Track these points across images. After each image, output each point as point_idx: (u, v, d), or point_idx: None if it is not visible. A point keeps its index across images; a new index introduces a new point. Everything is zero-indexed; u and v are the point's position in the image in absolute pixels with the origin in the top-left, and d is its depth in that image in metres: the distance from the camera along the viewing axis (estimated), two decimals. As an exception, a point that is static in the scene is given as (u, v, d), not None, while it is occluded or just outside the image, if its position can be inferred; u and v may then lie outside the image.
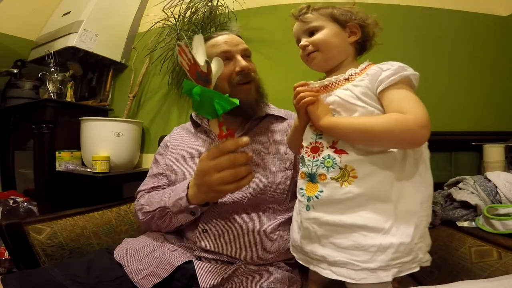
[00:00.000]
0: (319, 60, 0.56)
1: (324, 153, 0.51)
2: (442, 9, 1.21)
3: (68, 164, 1.31)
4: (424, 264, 0.48)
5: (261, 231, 0.66)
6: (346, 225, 0.48)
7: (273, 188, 0.68)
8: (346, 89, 0.51)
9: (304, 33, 0.57)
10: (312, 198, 0.51)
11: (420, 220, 0.48)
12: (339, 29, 0.56)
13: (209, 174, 0.53)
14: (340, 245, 0.48)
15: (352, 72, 0.53)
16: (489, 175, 0.75)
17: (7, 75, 1.53)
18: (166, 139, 0.87)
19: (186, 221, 0.67)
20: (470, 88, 1.18)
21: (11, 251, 0.73)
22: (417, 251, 0.47)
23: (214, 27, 1.35)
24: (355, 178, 0.48)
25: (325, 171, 0.50)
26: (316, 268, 0.52)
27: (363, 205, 0.48)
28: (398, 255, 0.45)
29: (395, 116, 0.45)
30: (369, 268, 0.45)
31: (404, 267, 0.46)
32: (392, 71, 0.48)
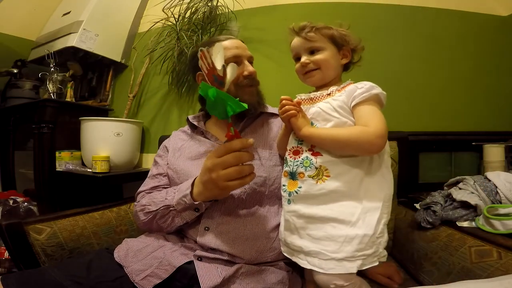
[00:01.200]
0: (317, 78, 0.64)
1: (303, 155, 0.59)
2: (442, 9, 1.21)
3: (68, 164, 1.31)
4: (381, 259, 0.55)
5: (263, 229, 0.66)
6: (320, 217, 0.55)
7: (271, 182, 0.70)
8: (327, 102, 0.60)
9: (305, 51, 0.63)
10: (293, 193, 0.60)
11: (382, 217, 0.55)
12: (336, 51, 0.64)
13: (215, 170, 0.56)
14: (314, 236, 0.55)
15: (333, 89, 0.62)
16: (489, 175, 0.75)
17: (7, 75, 1.53)
18: (166, 142, 0.88)
19: (190, 218, 0.67)
20: (470, 88, 1.18)
21: (11, 251, 0.73)
22: (378, 245, 0.54)
23: (214, 27, 1.35)
24: (328, 177, 0.56)
25: (303, 170, 0.58)
26: (295, 259, 0.59)
27: (335, 200, 0.55)
28: (362, 246, 0.52)
29: (359, 128, 0.55)
30: (336, 258, 0.52)
31: (367, 260, 0.52)
32: (364, 89, 0.57)
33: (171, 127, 1.29)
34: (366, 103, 0.57)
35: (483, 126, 1.14)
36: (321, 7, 1.26)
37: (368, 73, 0.71)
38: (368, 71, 0.74)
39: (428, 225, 0.74)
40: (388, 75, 1.14)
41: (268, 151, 0.74)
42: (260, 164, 0.71)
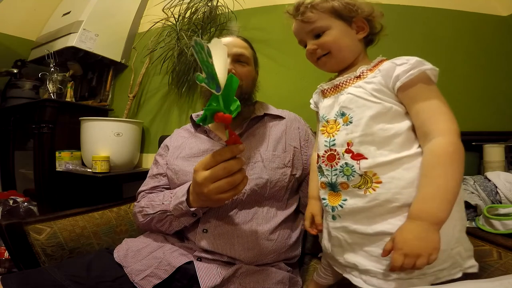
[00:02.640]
0: (331, 64, 0.54)
1: (341, 161, 0.48)
2: (442, 9, 1.21)
3: (68, 164, 1.31)
4: (468, 270, 0.45)
5: (262, 231, 0.66)
6: (376, 233, 0.45)
7: (272, 185, 0.69)
8: (358, 86, 0.49)
9: (308, 35, 0.54)
10: (336, 207, 0.49)
11: (454, 224, 0.44)
12: (346, 26, 0.52)
13: (204, 185, 0.52)
14: (372, 253, 0.46)
15: (364, 70, 0.51)
16: (489, 175, 0.75)
17: (7, 75, 1.53)
18: (167, 140, 0.87)
19: (188, 222, 0.67)
20: (470, 88, 1.18)
21: (11, 251, 0.73)
22: (455, 256, 0.44)
23: (214, 27, 1.35)
24: (379, 183, 0.45)
25: (345, 180, 0.48)
26: (348, 275, 0.50)
27: (392, 212, 0.45)
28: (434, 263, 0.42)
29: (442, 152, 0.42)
30: (402, 278, 0.43)
31: (441, 274, 0.44)
32: (410, 66, 0.45)
33: (171, 127, 1.29)
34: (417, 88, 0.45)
35: (483, 126, 1.14)
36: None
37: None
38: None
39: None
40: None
41: (271, 153, 0.73)
42: (262, 166, 0.70)
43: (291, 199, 0.75)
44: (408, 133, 0.46)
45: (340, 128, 0.50)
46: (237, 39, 0.79)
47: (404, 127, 0.46)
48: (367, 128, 0.46)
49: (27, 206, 1.31)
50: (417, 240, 0.40)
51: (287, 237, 0.69)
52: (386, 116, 0.46)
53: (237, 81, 0.44)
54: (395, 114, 0.46)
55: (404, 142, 0.45)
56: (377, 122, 0.46)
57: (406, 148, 0.45)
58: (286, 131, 0.78)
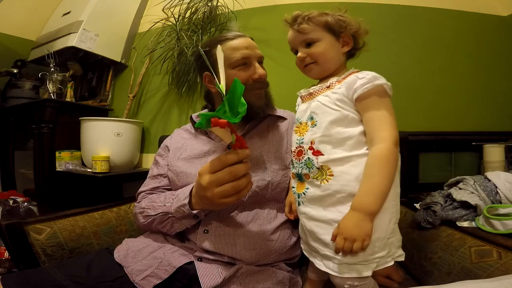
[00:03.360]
0: (316, 72, 0.61)
1: (305, 156, 0.57)
2: (442, 9, 1.21)
3: (68, 164, 1.31)
4: (397, 259, 0.54)
5: (263, 232, 0.66)
6: (328, 220, 0.54)
7: (273, 186, 0.69)
8: (326, 95, 0.57)
9: (300, 44, 0.61)
10: (301, 194, 0.59)
11: (391, 217, 0.53)
12: (334, 40, 0.59)
13: (209, 188, 0.52)
14: (325, 240, 0.54)
15: (333, 81, 0.58)
16: (489, 175, 0.75)
17: (7, 75, 1.53)
18: (167, 141, 0.87)
19: (190, 224, 0.67)
20: (470, 88, 1.18)
21: (11, 251, 0.73)
22: (390, 245, 0.53)
23: (214, 27, 1.35)
24: (331, 176, 0.54)
25: (307, 171, 0.57)
26: (312, 259, 0.59)
27: (342, 202, 0.53)
28: (375, 250, 0.50)
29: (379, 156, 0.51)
30: (349, 263, 0.51)
31: (381, 262, 0.51)
32: (366, 80, 0.53)
33: (171, 127, 1.29)
34: (371, 99, 0.53)
35: (483, 126, 1.14)
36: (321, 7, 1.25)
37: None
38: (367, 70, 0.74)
39: (428, 225, 0.74)
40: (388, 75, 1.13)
41: (273, 154, 0.72)
42: (264, 167, 0.70)
43: None
44: (359, 137, 0.54)
45: (308, 130, 0.59)
46: (251, 40, 0.77)
47: (356, 132, 0.54)
48: (326, 130, 0.55)
49: (27, 206, 1.31)
50: (354, 227, 0.49)
51: (288, 237, 0.69)
52: (343, 122, 0.55)
53: (242, 87, 0.45)
54: (351, 120, 0.55)
55: (355, 144, 0.54)
56: (334, 126, 0.54)
57: (356, 149, 0.54)
58: (288, 132, 0.78)
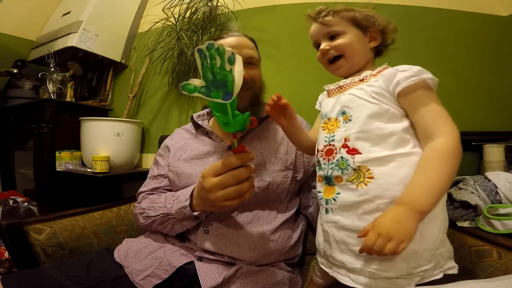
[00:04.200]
0: (345, 69, 0.56)
1: (338, 155, 0.50)
2: (442, 9, 1.21)
3: (68, 164, 1.31)
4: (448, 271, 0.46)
5: (263, 232, 0.66)
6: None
7: (274, 187, 0.68)
8: (360, 88, 0.52)
9: (324, 37, 0.56)
10: (330, 200, 0.51)
11: (440, 225, 0.46)
12: (361, 34, 0.55)
13: (213, 191, 0.52)
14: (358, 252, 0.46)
15: (367, 74, 0.53)
16: (489, 175, 0.75)
17: (7, 75, 1.53)
18: (167, 141, 0.86)
19: (191, 225, 0.67)
20: (470, 88, 1.18)
21: (11, 251, 0.73)
22: (438, 257, 0.45)
23: (214, 27, 1.35)
24: (371, 178, 0.46)
25: (340, 173, 0.50)
26: (335, 273, 0.51)
27: (383, 210, 0.45)
28: (420, 263, 0.44)
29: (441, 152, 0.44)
30: (388, 277, 0.44)
31: (426, 275, 0.44)
32: (412, 73, 0.48)
33: (171, 127, 1.29)
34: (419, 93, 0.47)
35: (483, 126, 1.14)
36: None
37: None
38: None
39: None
40: (388, 75, 1.14)
41: (273, 155, 0.72)
42: (265, 169, 0.69)
43: (292, 201, 0.75)
44: (402, 134, 0.48)
45: (340, 126, 0.52)
46: (245, 39, 0.76)
47: (399, 128, 0.48)
48: (364, 125, 0.48)
49: (27, 206, 1.31)
50: (393, 221, 0.41)
51: (288, 237, 0.69)
52: (383, 117, 0.48)
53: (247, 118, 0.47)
54: (391, 115, 0.48)
55: (398, 142, 0.47)
56: (373, 121, 0.48)
57: (399, 147, 0.47)
58: None
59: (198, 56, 0.43)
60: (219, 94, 0.44)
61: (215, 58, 0.43)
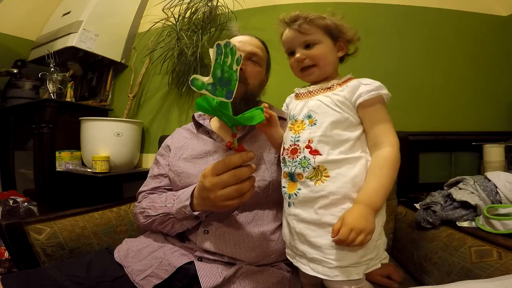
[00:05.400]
0: (316, 76, 0.60)
1: (301, 155, 0.56)
2: (442, 9, 1.21)
3: (68, 164, 1.31)
4: (383, 261, 0.54)
5: (263, 232, 0.66)
6: (320, 223, 0.52)
7: (274, 187, 0.68)
8: (327, 96, 0.57)
9: (300, 45, 0.59)
10: (292, 195, 0.56)
11: (378, 219, 0.53)
12: (332, 44, 0.60)
13: (213, 191, 0.53)
14: (316, 243, 0.52)
15: (334, 83, 0.58)
16: (489, 175, 0.75)
17: (7, 75, 1.53)
18: (168, 140, 0.86)
19: (191, 225, 0.67)
20: (470, 88, 1.18)
21: (11, 251, 0.73)
22: (378, 247, 0.53)
23: (214, 27, 1.35)
24: (327, 177, 0.53)
25: (301, 171, 0.55)
26: (297, 263, 0.57)
27: (335, 204, 0.52)
28: (366, 252, 0.51)
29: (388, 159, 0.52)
30: (341, 266, 0.50)
31: (370, 264, 0.51)
32: (373, 87, 0.54)
33: (171, 127, 1.29)
34: (376, 107, 0.54)
35: (483, 126, 1.14)
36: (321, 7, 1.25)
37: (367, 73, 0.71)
38: (367, 71, 0.74)
39: (428, 225, 0.74)
40: (388, 75, 1.14)
41: (273, 155, 0.72)
42: (265, 168, 0.69)
43: None
44: (356, 141, 0.55)
45: (305, 128, 0.57)
46: (253, 38, 0.80)
47: (354, 136, 0.54)
48: (326, 130, 0.54)
49: (27, 206, 1.31)
50: (362, 218, 0.48)
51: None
52: (343, 124, 0.55)
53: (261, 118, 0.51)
54: (349, 124, 0.55)
55: (352, 147, 0.54)
56: (334, 128, 0.54)
57: (352, 151, 0.54)
58: None
59: (215, 50, 0.44)
60: (223, 93, 0.45)
61: (228, 56, 0.45)
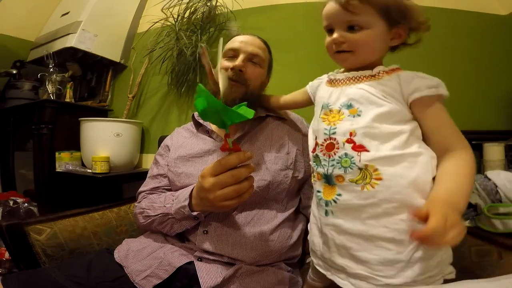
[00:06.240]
0: (350, 63, 0.51)
1: (340, 152, 0.45)
2: (442, 8, 1.21)
3: (68, 164, 1.31)
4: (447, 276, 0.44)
5: (262, 232, 0.65)
6: (369, 236, 0.43)
7: (274, 186, 0.68)
8: (371, 85, 0.47)
9: (342, 24, 0.48)
10: (330, 202, 0.47)
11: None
12: (386, 29, 0.48)
13: (211, 191, 0.52)
14: (361, 258, 0.44)
15: (380, 70, 0.49)
16: (489, 174, 0.75)
17: (6, 76, 1.53)
18: (167, 140, 0.86)
19: (190, 225, 0.67)
20: (470, 87, 1.18)
21: (12, 251, 0.73)
22: (442, 263, 0.43)
23: (213, 27, 1.35)
24: (379, 180, 0.42)
25: (342, 172, 0.45)
26: (333, 277, 0.49)
27: (390, 214, 0.42)
28: (428, 269, 0.41)
29: (470, 161, 0.45)
30: (392, 284, 0.41)
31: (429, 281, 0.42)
32: (433, 83, 0.46)
33: (171, 127, 1.29)
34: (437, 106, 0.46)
35: (483, 125, 1.14)
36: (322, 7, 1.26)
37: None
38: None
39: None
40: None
41: (274, 154, 0.72)
42: (265, 168, 0.69)
43: (291, 200, 0.75)
44: (410, 135, 0.45)
45: (343, 118, 0.47)
46: (255, 39, 0.79)
47: (408, 129, 0.45)
48: (373, 122, 0.44)
49: (27, 206, 1.31)
50: (455, 211, 0.37)
51: (288, 237, 0.69)
52: (393, 117, 0.46)
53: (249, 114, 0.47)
54: (402, 117, 0.46)
55: (407, 141, 0.44)
56: (383, 120, 0.45)
57: (409, 146, 0.44)
58: (289, 132, 0.78)
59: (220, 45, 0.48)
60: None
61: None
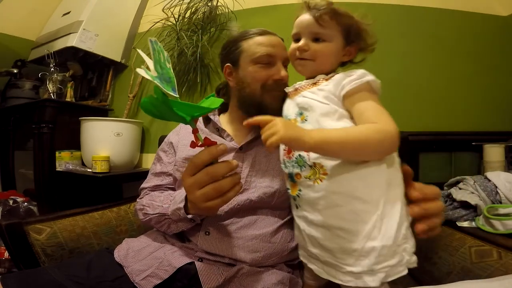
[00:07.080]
0: (308, 70, 0.57)
1: (296, 154, 0.52)
2: (442, 9, 1.21)
3: (68, 164, 1.31)
4: (411, 265, 0.46)
5: (264, 234, 0.65)
6: (328, 226, 0.48)
7: (280, 194, 0.67)
8: (312, 92, 0.54)
9: (309, 34, 0.55)
10: (296, 197, 0.53)
11: (402, 221, 0.45)
12: (342, 46, 0.56)
13: (191, 192, 0.50)
14: (326, 246, 0.49)
15: (320, 78, 0.55)
16: (489, 175, 0.75)
17: (7, 75, 1.53)
18: (172, 137, 0.82)
19: (187, 227, 0.66)
20: (470, 88, 1.18)
21: (11, 251, 0.73)
22: (402, 252, 0.45)
23: (214, 27, 1.35)
24: (325, 175, 0.48)
25: (299, 170, 0.51)
26: (312, 265, 0.54)
27: (340, 205, 0.46)
28: (381, 259, 0.44)
29: (374, 126, 0.45)
30: (353, 272, 0.45)
31: (391, 271, 0.44)
32: (356, 76, 0.49)
33: (171, 127, 1.29)
34: (361, 94, 0.49)
35: (483, 126, 1.14)
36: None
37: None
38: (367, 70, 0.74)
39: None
40: (388, 75, 1.14)
41: None
42: (273, 175, 0.68)
43: None
44: None
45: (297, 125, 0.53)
46: (279, 39, 0.73)
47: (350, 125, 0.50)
48: (317, 124, 0.50)
49: (27, 206, 1.31)
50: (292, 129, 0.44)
51: (290, 239, 0.68)
52: (334, 116, 0.50)
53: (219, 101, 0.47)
54: (341, 115, 0.50)
55: None
56: (326, 119, 0.50)
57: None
58: None
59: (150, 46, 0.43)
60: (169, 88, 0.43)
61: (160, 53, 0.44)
